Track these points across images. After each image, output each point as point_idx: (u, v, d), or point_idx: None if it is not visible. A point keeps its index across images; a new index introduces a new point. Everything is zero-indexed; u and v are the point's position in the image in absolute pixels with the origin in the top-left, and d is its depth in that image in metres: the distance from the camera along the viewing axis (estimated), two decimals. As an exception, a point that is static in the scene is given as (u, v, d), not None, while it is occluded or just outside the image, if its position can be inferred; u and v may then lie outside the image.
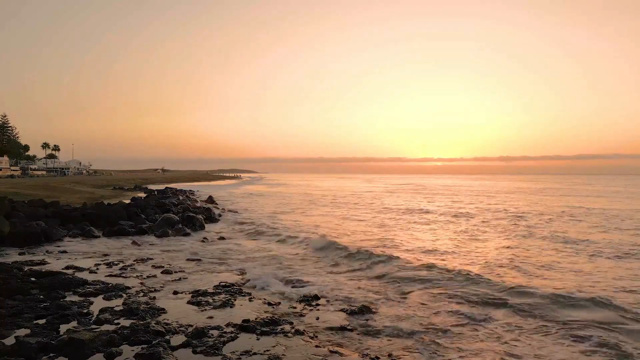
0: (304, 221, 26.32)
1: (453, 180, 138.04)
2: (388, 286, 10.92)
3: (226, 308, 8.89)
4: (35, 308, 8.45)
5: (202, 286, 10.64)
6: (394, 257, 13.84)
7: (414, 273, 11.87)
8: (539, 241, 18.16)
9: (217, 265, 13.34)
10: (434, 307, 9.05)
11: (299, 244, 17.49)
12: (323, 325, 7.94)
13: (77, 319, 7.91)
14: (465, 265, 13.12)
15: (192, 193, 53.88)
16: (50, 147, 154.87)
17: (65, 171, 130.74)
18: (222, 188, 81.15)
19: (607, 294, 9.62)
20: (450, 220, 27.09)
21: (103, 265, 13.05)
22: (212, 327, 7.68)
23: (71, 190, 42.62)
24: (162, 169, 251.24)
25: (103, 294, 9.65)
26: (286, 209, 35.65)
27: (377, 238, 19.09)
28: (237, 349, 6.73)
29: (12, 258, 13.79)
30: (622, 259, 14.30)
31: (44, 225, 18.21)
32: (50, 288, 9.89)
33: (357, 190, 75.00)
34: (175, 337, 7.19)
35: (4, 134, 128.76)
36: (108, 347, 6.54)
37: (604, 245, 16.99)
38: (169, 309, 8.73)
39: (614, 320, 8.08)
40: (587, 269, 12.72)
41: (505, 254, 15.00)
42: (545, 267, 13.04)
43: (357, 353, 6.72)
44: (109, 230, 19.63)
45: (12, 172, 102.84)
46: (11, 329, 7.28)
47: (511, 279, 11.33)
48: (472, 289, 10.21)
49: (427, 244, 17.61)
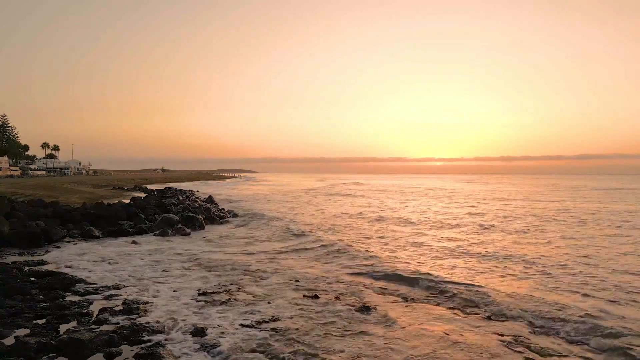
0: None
1: (443, 181, 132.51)
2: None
3: (226, 306, 8.91)
4: (34, 308, 8.46)
5: (202, 285, 10.66)
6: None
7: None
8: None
9: (216, 265, 13.34)
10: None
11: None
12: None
13: (76, 318, 7.92)
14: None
15: (192, 193, 53.87)
16: (49, 147, 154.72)
17: (65, 171, 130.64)
18: (222, 188, 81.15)
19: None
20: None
21: (103, 265, 13.05)
22: (212, 325, 7.70)
23: (71, 190, 42.59)
24: (161, 169, 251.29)
25: (102, 294, 9.66)
26: (285, 208, 35.79)
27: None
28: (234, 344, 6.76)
29: (11, 258, 13.79)
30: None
31: (44, 225, 18.19)
32: (50, 288, 9.90)
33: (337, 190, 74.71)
34: (175, 336, 7.20)
35: (4, 133, 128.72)
36: (108, 347, 6.55)
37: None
38: (168, 308, 8.73)
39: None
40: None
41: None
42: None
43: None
44: (109, 230, 19.63)
45: (12, 172, 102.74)
46: (11, 329, 7.28)
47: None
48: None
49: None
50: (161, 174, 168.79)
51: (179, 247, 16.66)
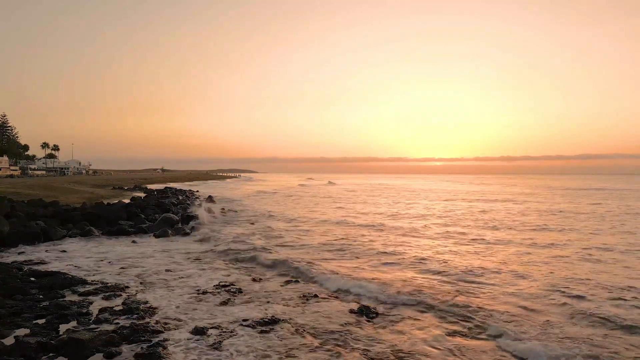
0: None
1: (428, 181, 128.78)
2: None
3: (226, 306, 8.92)
4: (34, 308, 8.46)
5: (202, 285, 10.66)
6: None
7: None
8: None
9: (216, 265, 13.35)
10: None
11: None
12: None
13: (76, 318, 7.92)
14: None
15: (191, 193, 53.90)
16: (49, 147, 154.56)
17: (64, 171, 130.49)
18: (222, 187, 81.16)
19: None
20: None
21: (102, 265, 13.05)
22: (213, 325, 7.70)
23: (71, 190, 42.58)
24: (161, 169, 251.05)
25: (102, 294, 9.65)
26: (284, 207, 35.82)
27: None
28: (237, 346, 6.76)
29: (11, 258, 13.79)
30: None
31: (44, 225, 18.21)
32: (50, 288, 9.90)
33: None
34: (175, 336, 7.20)
35: (4, 133, 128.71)
36: (107, 347, 6.54)
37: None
38: (168, 307, 8.73)
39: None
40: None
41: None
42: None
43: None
44: (109, 230, 19.63)
45: (12, 172, 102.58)
46: (11, 329, 7.28)
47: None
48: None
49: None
50: (161, 174, 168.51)
51: (178, 247, 16.66)
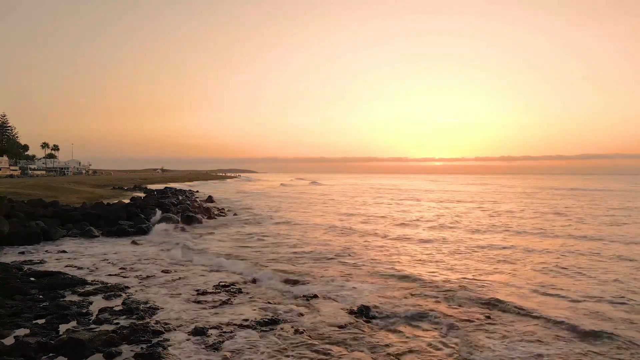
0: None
1: (420, 182, 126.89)
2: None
3: (225, 307, 8.91)
4: (34, 308, 8.46)
5: (201, 285, 10.66)
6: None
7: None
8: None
9: (216, 265, 13.34)
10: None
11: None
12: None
13: (76, 318, 7.92)
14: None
15: (191, 193, 53.89)
16: (49, 147, 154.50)
17: (64, 171, 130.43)
18: (222, 187, 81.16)
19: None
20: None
21: (102, 265, 13.06)
22: (212, 326, 7.70)
23: (71, 190, 42.56)
24: (161, 169, 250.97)
25: (102, 294, 9.66)
26: (284, 207, 35.86)
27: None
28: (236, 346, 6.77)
29: (11, 258, 13.79)
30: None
31: (44, 225, 18.20)
32: (50, 288, 9.90)
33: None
34: (175, 336, 7.21)
35: (3, 133, 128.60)
36: (107, 347, 6.55)
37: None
38: (168, 308, 8.74)
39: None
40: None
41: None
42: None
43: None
44: (109, 230, 19.63)
45: (12, 172, 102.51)
46: (11, 329, 7.28)
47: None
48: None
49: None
50: (161, 174, 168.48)
51: (178, 247, 16.65)
